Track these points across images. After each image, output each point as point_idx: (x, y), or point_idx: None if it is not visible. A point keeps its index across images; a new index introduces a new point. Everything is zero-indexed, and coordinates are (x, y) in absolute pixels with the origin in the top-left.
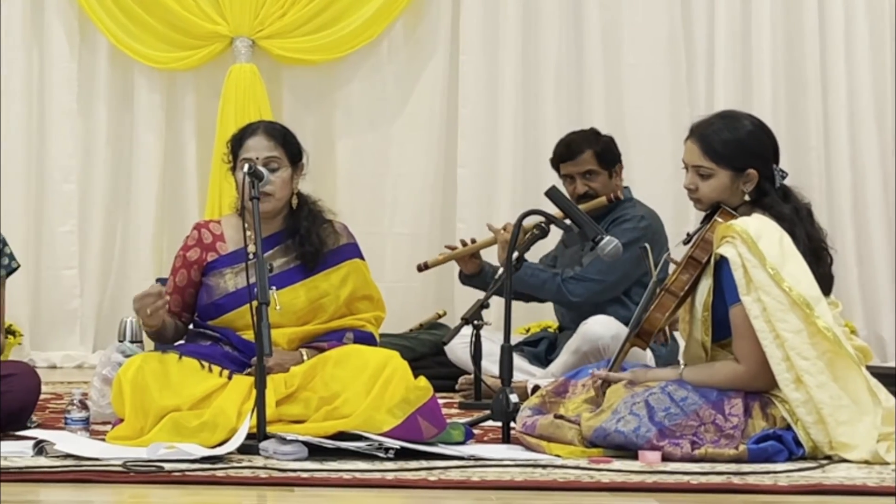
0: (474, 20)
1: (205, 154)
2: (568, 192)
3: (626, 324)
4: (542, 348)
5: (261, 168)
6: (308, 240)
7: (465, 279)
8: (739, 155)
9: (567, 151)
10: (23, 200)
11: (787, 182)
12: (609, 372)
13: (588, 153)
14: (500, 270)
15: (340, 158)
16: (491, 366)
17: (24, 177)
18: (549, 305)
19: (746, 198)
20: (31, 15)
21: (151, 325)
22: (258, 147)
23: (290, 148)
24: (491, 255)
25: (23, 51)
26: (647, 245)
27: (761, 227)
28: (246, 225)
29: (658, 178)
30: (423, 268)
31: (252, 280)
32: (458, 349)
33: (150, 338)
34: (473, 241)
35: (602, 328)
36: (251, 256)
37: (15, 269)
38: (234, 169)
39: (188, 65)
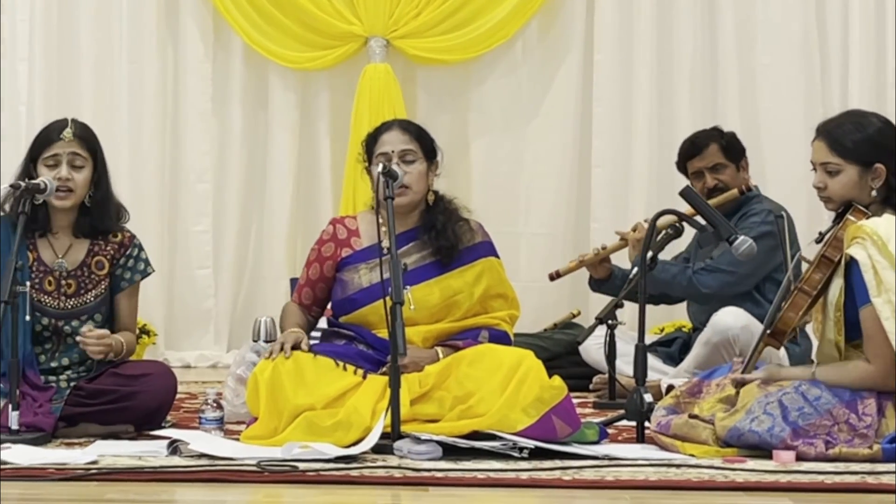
0: (608, 19)
1: (339, 154)
2: (697, 189)
3: (759, 321)
4: (675, 348)
5: (395, 167)
6: (444, 236)
7: (595, 285)
8: (866, 150)
9: (693, 147)
10: (157, 200)
11: None
12: (743, 374)
13: (714, 146)
14: (634, 270)
15: (475, 158)
16: (625, 365)
17: (158, 177)
18: (683, 305)
19: (874, 194)
20: (166, 15)
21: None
22: (394, 141)
23: (424, 143)
24: (621, 259)
25: (157, 51)
26: (783, 213)
27: (892, 229)
28: (380, 221)
29: (791, 177)
30: (555, 276)
31: (386, 276)
32: (593, 349)
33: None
34: (604, 248)
35: (732, 319)
36: (385, 252)
37: (149, 275)
38: (369, 167)
39: (322, 64)
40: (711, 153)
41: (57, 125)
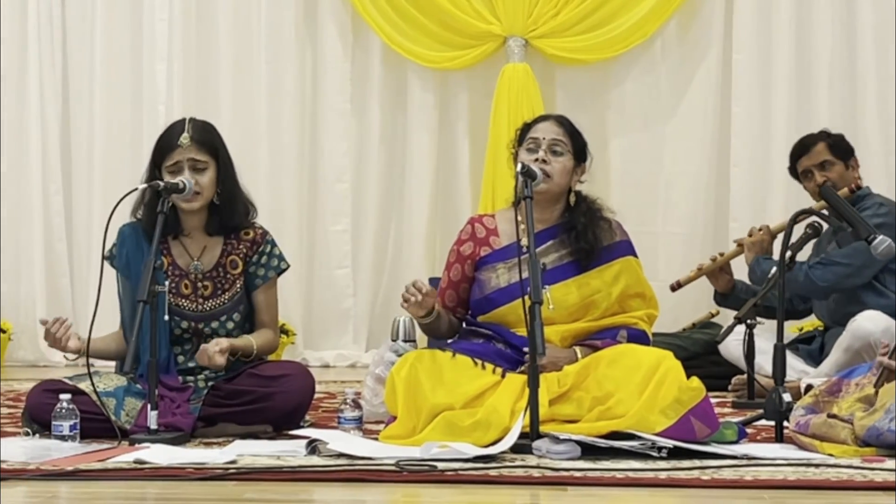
0: (747, 18)
1: (478, 153)
2: (809, 189)
3: (885, 310)
4: (815, 346)
5: (534, 168)
6: (584, 236)
7: (720, 298)
8: None
9: (800, 147)
10: (296, 200)
11: None
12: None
13: (821, 145)
14: (773, 269)
15: (613, 158)
16: (767, 363)
17: (297, 176)
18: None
19: None
20: (305, 15)
21: (414, 314)
22: (546, 129)
23: (576, 141)
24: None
25: (296, 51)
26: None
27: None
28: (519, 219)
29: None
30: (675, 287)
31: (524, 275)
32: (732, 346)
33: (424, 331)
34: (721, 255)
35: (871, 324)
36: (524, 250)
37: (284, 270)
38: (517, 154)
39: (461, 64)
40: (818, 151)
41: (174, 130)
